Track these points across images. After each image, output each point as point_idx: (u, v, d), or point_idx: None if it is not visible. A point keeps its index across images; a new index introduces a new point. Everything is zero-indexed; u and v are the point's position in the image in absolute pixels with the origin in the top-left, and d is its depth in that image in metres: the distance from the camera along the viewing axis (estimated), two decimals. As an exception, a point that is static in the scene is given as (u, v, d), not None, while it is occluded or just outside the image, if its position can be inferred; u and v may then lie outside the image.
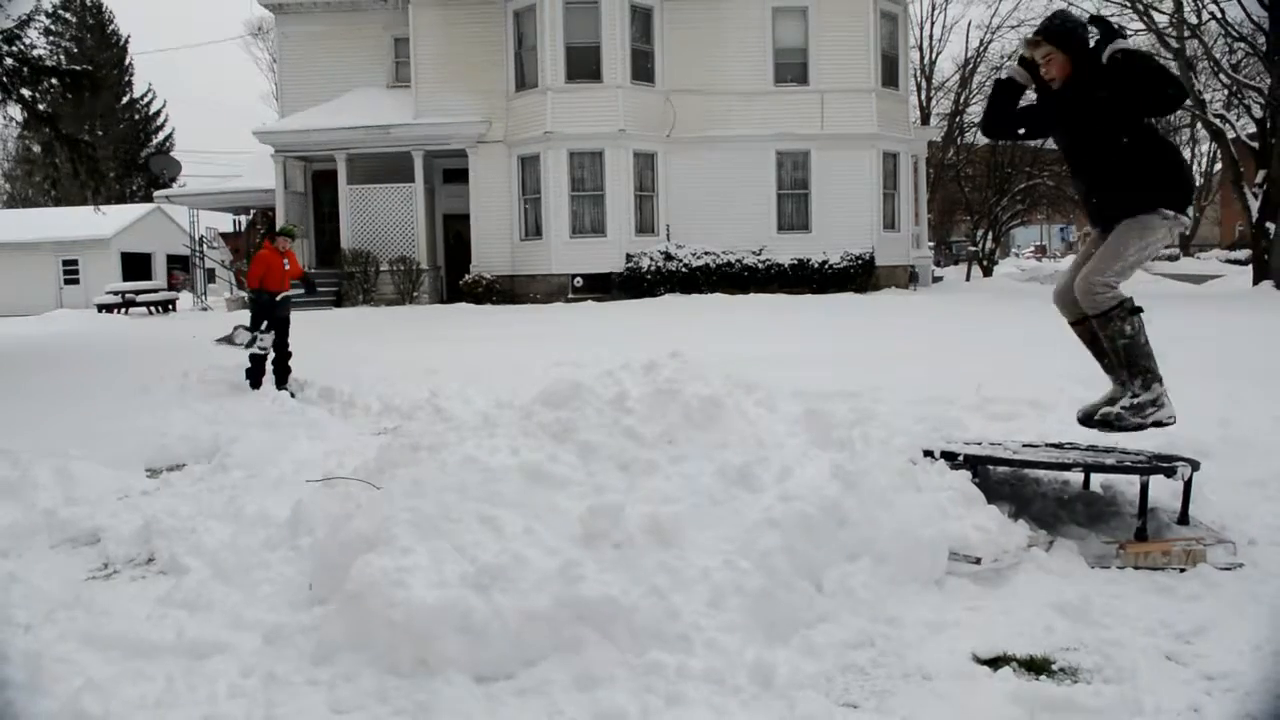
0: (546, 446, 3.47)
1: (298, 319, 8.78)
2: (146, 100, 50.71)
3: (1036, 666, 2.68)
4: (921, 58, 34.71)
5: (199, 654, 2.78)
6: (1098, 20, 3.64)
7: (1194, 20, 21.47)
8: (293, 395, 7.65)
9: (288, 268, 8.23)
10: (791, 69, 20.10)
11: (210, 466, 5.20)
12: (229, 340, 8.15)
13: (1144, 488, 3.55)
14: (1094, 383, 6.83)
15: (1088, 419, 3.82)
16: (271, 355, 8.09)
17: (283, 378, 8.09)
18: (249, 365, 7.94)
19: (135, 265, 34.99)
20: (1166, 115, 3.98)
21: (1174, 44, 21.36)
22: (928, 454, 4.04)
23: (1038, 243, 71.12)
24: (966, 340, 10.66)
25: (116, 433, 5.72)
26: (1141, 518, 3.53)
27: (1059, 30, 3.60)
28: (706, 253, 19.05)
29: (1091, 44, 3.54)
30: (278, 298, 8.15)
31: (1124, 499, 3.94)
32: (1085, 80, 3.54)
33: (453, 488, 3.17)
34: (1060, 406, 6.21)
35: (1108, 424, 3.71)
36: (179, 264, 34.48)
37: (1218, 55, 22.10)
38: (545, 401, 3.81)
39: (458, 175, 20.80)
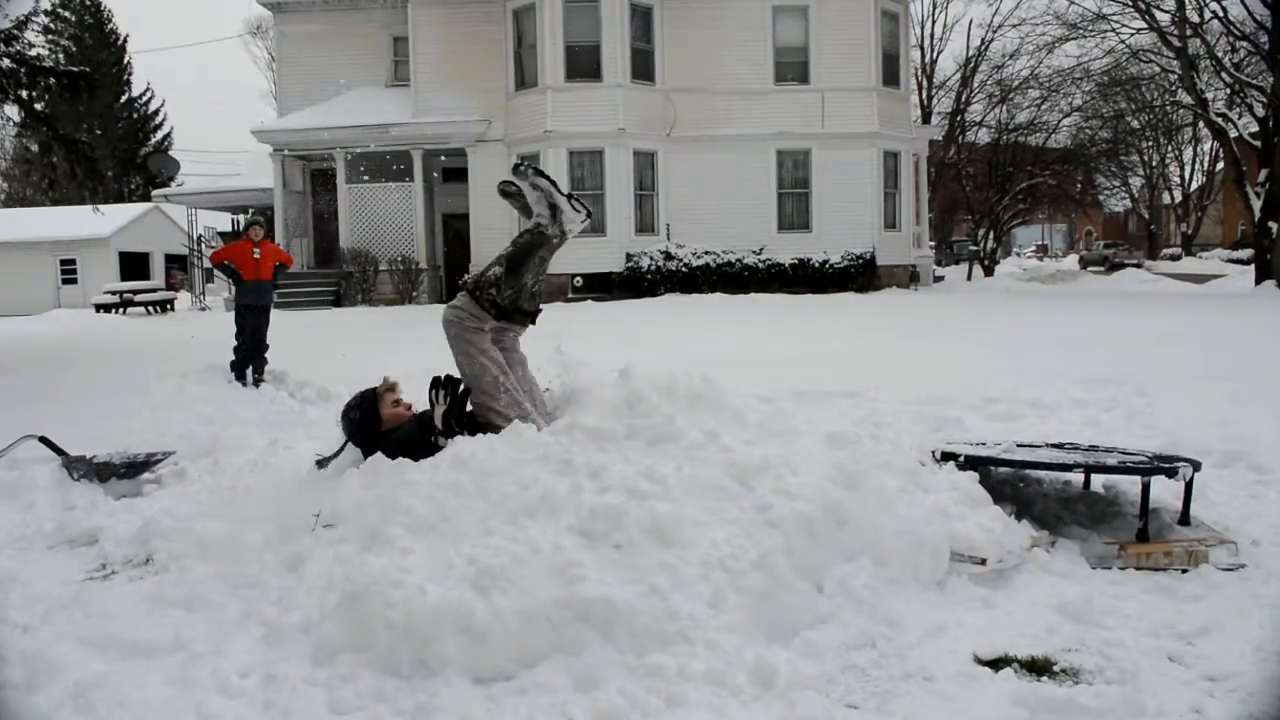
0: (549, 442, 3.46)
1: (297, 320, 8.81)
2: (145, 99, 50.68)
3: (1038, 667, 2.67)
4: (922, 56, 34.72)
5: (197, 654, 2.77)
6: None
7: (1196, 19, 21.44)
8: (255, 384, 8.01)
9: (258, 256, 8.43)
10: (792, 68, 20.08)
11: (208, 466, 5.18)
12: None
13: (1145, 488, 3.54)
14: (1095, 383, 6.87)
15: None
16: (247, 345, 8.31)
17: (259, 368, 8.30)
18: (233, 359, 8.21)
19: (133, 265, 34.92)
20: None
21: (1176, 42, 21.35)
22: (934, 455, 4.03)
23: (1039, 242, 71.21)
24: (967, 340, 10.65)
25: (115, 432, 5.71)
26: (1143, 518, 3.52)
27: None
28: (707, 252, 19.03)
29: None
30: (250, 286, 8.43)
31: (1125, 499, 3.93)
32: None
33: (450, 487, 3.16)
34: (1061, 407, 6.21)
35: None
36: (177, 264, 34.46)
37: (1220, 54, 22.06)
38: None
39: (457, 174, 20.77)
